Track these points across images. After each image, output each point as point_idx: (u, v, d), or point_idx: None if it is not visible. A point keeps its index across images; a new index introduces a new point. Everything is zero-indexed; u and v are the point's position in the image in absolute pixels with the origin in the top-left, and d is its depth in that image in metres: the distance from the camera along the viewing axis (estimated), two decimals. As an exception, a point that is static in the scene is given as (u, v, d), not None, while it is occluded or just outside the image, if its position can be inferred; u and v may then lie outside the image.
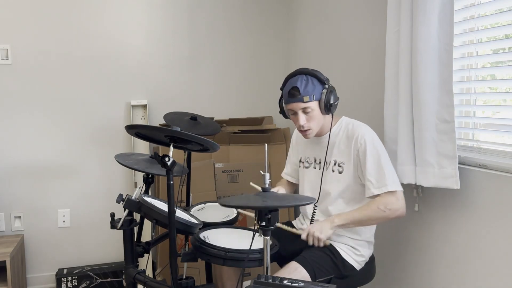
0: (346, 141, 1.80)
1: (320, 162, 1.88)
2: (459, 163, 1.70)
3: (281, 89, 1.83)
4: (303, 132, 1.80)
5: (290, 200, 1.38)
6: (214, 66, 3.17)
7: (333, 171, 1.82)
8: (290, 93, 1.75)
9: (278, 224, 1.86)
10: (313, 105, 1.75)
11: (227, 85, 3.20)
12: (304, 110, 1.75)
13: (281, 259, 1.88)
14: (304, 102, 1.73)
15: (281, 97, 1.85)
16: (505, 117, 1.70)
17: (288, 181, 2.10)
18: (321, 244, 1.68)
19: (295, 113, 1.78)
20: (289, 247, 1.86)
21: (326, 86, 1.76)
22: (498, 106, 1.73)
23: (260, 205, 1.29)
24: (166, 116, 2.30)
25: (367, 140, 1.73)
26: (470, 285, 1.72)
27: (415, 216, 2.00)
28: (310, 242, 1.67)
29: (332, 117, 1.84)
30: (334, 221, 1.69)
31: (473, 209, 1.70)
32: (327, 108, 1.75)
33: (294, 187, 2.12)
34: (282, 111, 1.88)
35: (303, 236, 1.68)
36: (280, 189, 2.00)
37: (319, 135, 1.88)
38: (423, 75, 1.74)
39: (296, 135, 2.06)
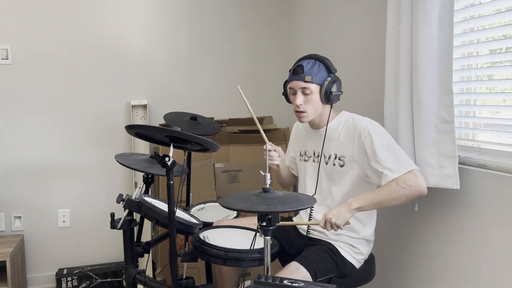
0: (346, 134, 1.78)
1: (318, 156, 1.88)
2: (459, 163, 1.70)
3: (290, 70, 1.83)
4: (298, 113, 1.79)
5: (292, 203, 1.36)
6: (214, 66, 3.17)
7: (334, 164, 1.81)
8: (294, 70, 1.77)
9: (290, 223, 1.87)
10: (313, 88, 1.74)
11: (227, 85, 3.20)
12: (304, 91, 1.75)
13: (283, 258, 1.88)
14: (305, 81, 1.74)
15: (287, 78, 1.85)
16: (505, 117, 1.70)
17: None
18: (342, 229, 1.64)
19: (295, 93, 1.78)
20: (291, 246, 1.86)
21: (332, 75, 1.76)
22: (498, 106, 1.73)
23: (264, 209, 1.28)
24: (166, 116, 2.30)
25: (371, 131, 1.71)
26: (470, 285, 1.73)
27: (415, 216, 2.00)
28: (329, 229, 1.64)
29: (331, 108, 1.82)
30: (352, 204, 1.63)
31: (473, 209, 1.70)
32: (327, 96, 1.75)
33: (293, 179, 2.11)
34: (285, 93, 1.88)
35: (321, 224, 1.64)
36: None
37: (317, 127, 1.87)
38: (423, 75, 1.74)
39: (295, 128, 2.06)
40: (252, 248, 1.46)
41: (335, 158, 1.81)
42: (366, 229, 1.82)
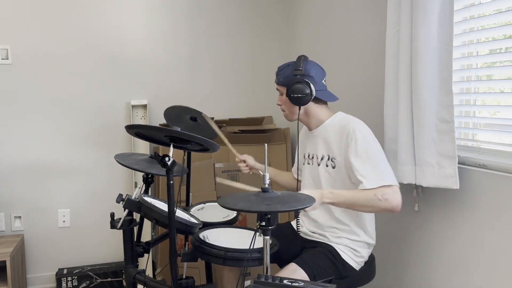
0: (338, 135, 1.75)
1: (312, 157, 1.88)
2: (459, 163, 1.70)
3: None
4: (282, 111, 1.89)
5: (292, 203, 1.36)
6: (214, 66, 3.17)
7: (326, 165, 1.80)
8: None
9: (226, 181, 1.95)
10: (282, 90, 1.82)
11: (227, 85, 3.21)
12: (279, 92, 1.86)
13: (281, 261, 1.88)
14: (276, 82, 1.84)
15: None
16: (505, 117, 1.70)
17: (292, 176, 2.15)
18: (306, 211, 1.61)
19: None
20: (290, 249, 1.86)
21: (297, 76, 1.73)
22: (498, 106, 1.73)
23: (264, 209, 1.28)
24: (166, 112, 2.29)
25: (359, 136, 1.68)
26: (470, 285, 1.73)
27: (415, 216, 2.00)
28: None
29: (300, 110, 1.80)
30: (325, 197, 1.60)
31: (472, 209, 1.70)
32: (290, 97, 1.74)
33: (294, 182, 2.12)
34: None
35: None
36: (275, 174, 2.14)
37: (310, 128, 1.89)
38: (423, 75, 1.74)
39: (300, 133, 2.06)
40: (251, 248, 1.46)
41: (328, 159, 1.80)
42: (367, 233, 1.82)
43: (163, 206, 1.72)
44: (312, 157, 1.88)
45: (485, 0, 1.69)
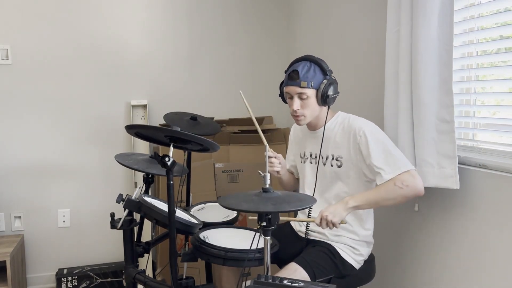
0: (342, 135, 1.78)
1: (316, 157, 1.88)
2: (459, 163, 1.70)
3: (285, 72, 1.82)
4: (295, 117, 1.80)
5: (296, 202, 1.36)
6: (214, 66, 3.17)
7: (331, 165, 1.81)
8: (290, 75, 1.76)
9: (288, 218, 1.88)
10: (310, 93, 1.74)
11: (227, 85, 3.21)
12: (300, 96, 1.75)
13: (280, 261, 1.88)
14: (301, 87, 1.73)
15: (283, 80, 1.84)
16: (505, 117, 1.70)
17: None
18: (337, 227, 1.63)
19: (291, 97, 1.78)
20: (289, 249, 1.86)
21: (328, 77, 1.74)
22: (498, 106, 1.73)
23: (271, 209, 1.27)
24: (166, 116, 2.30)
25: (366, 131, 1.71)
26: (470, 285, 1.73)
27: (415, 216, 2.00)
28: (324, 227, 1.63)
29: (328, 110, 1.82)
30: (348, 203, 1.63)
31: (472, 209, 1.70)
32: (323, 99, 1.74)
33: (296, 183, 2.10)
34: (281, 95, 1.88)
35: (317, 222, 1.63)
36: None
37: (314, 128, 1.87)
38: (423, 75, 1.74)
39: (293, 131, 2.06)
40: (251, 248, 1.46)
41: (333, 159, 1.81)
42: (366, 231, 1.82)
43: (163, 206, 1.72)
44: (316, 157, 1.87)
45: (485, 0, 1.69)
